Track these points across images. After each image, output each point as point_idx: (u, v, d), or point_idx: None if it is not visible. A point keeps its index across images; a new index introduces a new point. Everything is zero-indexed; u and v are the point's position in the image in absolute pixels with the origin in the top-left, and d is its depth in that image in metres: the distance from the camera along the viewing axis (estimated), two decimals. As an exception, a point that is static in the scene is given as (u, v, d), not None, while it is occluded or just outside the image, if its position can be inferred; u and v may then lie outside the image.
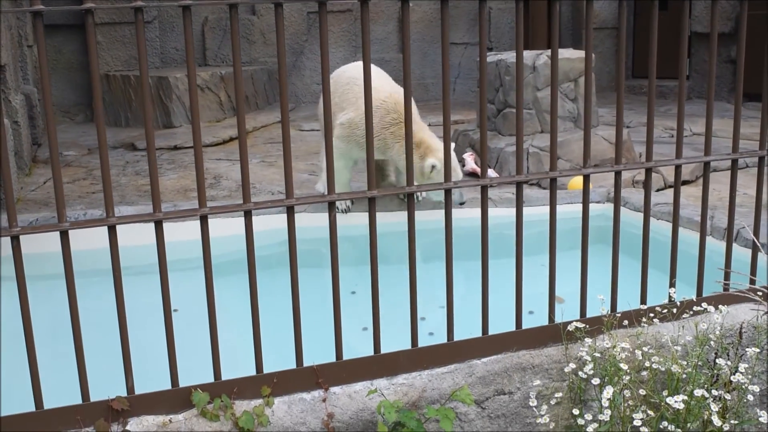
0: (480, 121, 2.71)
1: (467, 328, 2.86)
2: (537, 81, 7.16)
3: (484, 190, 2.76)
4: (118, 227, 2.41)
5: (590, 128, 2.88)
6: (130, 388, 2.48)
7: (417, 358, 2.74)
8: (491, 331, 2.83)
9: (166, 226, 2.50)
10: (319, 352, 2.71)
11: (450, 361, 2.76)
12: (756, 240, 3.15)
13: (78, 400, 2.43)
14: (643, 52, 11.79)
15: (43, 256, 3.44)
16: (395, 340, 2.77)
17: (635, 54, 12.50)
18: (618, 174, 2.94)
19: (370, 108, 2.59)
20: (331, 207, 2.59)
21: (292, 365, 2.64)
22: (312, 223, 5.01)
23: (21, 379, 2.48)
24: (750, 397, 2.65)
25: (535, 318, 3.03)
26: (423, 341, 2.79)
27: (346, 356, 2.68)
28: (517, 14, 2.67)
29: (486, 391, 2.74)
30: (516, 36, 2.70)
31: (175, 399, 2.49)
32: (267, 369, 2.60)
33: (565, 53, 7.25)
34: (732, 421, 2.60)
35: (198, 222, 2.49)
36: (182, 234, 4.35)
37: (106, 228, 2.41)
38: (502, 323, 2.87)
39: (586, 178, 2.89)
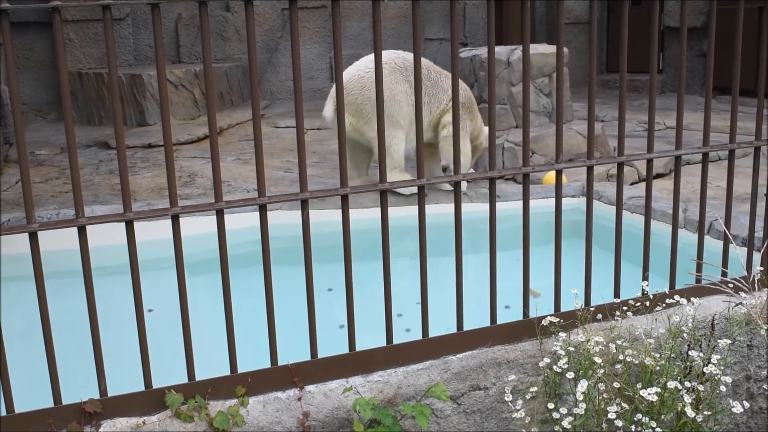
0: (453, 117, 2.71)
1: (444, 324, 2.86)
2: (512, 76, 7.17)
3: (457, 185, 2.76)
4: (92, 227, 2.38)
5: (562, 123, 2.89)
6: (102, 390, 2.45)
7: (392, 355, 2.73)
8: (467, 327, 2.84)
9: (141, 226, 2.47)
10: (295, 351, 2.70)
11: (425, 357, 2.76)
12: (727, 232, 3.18)
13: (50, 403, 2.41)
14: (616, 47, 11.83)
15: (16, 257, 3.40)
16: (372, 338, 2.76)
17: (609, 49, 12.57)
18: (590, 169, 2.95)
19: (341, 100, 2.58)
20: (304, 204, 2.58)
21: (267, 364, 2.63)
22: (288, 220, 4.99)
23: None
24: (723, 388, 2.68)
25: (512, 313, 3.04)
26: (400, 338, 2.78)
27: (322, 354, 2.68)
28: (489, 10, 2.67)
29: (461, 386, 2.74)
30: (488, 32, 2.70)
31: (149, 400, 2.47)
32: (242, 368, 2.59)
33: (539, 48, 7.27)
34: (705, 412, 2.63)
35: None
36: (159, 233, 4.31)
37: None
38: (479, 318, 2.88)
39: (559, 173, 2.90)
